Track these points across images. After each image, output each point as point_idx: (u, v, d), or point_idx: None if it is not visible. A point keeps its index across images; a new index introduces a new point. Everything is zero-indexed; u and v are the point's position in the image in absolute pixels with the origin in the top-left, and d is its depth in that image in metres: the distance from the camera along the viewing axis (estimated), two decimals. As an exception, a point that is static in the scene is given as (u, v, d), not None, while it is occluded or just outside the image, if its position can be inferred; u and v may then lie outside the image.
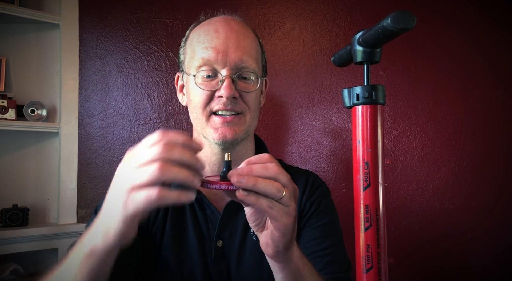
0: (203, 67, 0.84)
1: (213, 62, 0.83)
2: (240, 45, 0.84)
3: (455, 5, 2.00)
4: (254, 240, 0.88)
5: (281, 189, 0.53)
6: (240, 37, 0.85)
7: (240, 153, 0.90)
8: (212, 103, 0.84)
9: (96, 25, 1.78)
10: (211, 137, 0.84)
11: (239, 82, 0.84)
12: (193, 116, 0.88)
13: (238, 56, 0.83)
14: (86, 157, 1.75)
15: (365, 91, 0.45)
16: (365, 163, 0.45)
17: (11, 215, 1.60)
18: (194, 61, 0.85)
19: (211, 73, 0.84)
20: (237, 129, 0.85)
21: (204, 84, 0.84)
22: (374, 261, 0.44)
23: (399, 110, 1.93)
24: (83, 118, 1.76)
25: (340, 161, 1.88)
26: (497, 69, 2.00)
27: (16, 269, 1.58)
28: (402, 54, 1.93)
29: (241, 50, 0.84)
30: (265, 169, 0.54)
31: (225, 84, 0.81)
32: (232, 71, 0.83)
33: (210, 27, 0.87)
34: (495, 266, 1.92)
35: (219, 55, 0.83)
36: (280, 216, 0.54)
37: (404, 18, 0.39)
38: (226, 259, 0.86)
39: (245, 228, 0.88)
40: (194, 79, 0.85)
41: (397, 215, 1.89)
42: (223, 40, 0.84)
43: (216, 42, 0.84)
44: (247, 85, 0.85)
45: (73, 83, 1.75)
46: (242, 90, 0.84)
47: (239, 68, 0.84)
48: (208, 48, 0.84)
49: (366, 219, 0.45)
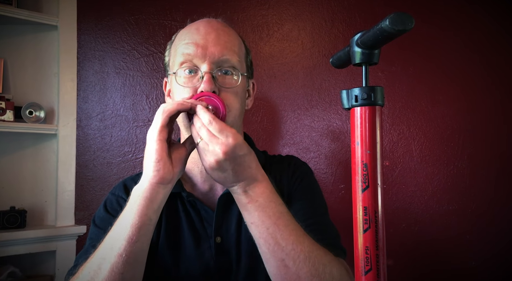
0: (184, 64, 0.85)
1: (193, 57, 0.84)
2: (220, 40, 0.85)
3: (454, 6, 2.00)
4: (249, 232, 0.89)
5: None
6: (220, 33, 0.86)
7: None
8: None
9: (94, 26, 1.77)
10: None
11: (219, 78, 0.84)
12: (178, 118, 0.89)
13: (218, 50, 0.84)
14: (84, 158, 1.74)
15: (364, 92, 0.45)
16: (363, 164, 0.45)
17: (8, 217, 1.59)
18: (177, 58, 0.87)
19: (192, 68, 0.84)
20: None
21: (185, 82, 0.85)
22: (373, 263, 0.44)
23: (398, 111, 1.93)
24: (81, 119, 1.75)
25: (339, 163, 1.88)
26: (495, 70, 2.01)
27: (14, 271, 1.57)
28: (401, 56, 1.93)
29: (221, 44, 0.85)
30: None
31: (205, 79, 0.81)
32: (212, 66, 0.83)
33: (191, 26, 0.89)
34: (493, 267, 1.92)
35: (199, 49, 0.83)
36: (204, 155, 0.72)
37: (402, 20, 0.39)
38: (227, 254, 0.88)
39: (238, 221, 0.90)
40: (175, 77, 0.86)
41: (396, 217, 1.89)
42: (203, 35, 0.85)
43: (197, 38, 0.85)
44: (228, 80, 0.85)
45: (71, 85, 1.74)
46: (222, 86, 0.84)
47: (219, 62, 0.84)
48: (189, 44, 0.85)
49: (365, 221, 0.45)
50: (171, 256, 0.88)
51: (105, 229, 0.84)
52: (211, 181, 0.92)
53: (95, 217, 0.93)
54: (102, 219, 0.90)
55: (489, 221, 1.93)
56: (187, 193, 0.90)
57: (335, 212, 1.04)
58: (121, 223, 0.74)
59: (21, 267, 1.61)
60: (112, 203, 0.93)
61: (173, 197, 0.90)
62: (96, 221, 0.91)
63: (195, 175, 0.93)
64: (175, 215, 0.91)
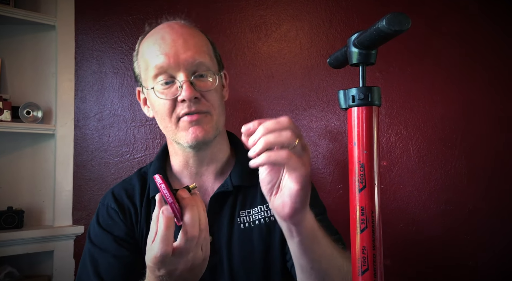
0: (159, 76, 0.85)
1: (167, 68, 0.84)
2: (188, 45, 0.85)
3: (451, 7, 2.01)
4: (242, 228, 0.90)
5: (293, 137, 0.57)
6: (186, 38, 0.86)
7: (214, 151, 0.92)
8: (177, 109, 0.85)
9: (92, 26, 1.77)
10: (184, 141, 0.86)
11: (197, 82, 0.85)
12: (163, 125, 0.90)
13: (189, 56, 0.84)
14: (82, 159, 1.74)
15: (361, 92, 0.45)
16: (360, 164, 0.45)
17: (6, 218, 1.59)
18: (149, 71, 0.86)
19: (168, 79, 0.85)
20: (206, 127, 0.86)
21: (164, 93, 0.85)
22: (370, 263, 0.44)
23: (396, 111, 1.93)
24: (79, 119, 1.75)
25: (336, 163, 1.88)
26: (493, 71, 2.01)
27: (11, 271, 1.57)
28: (398, 56, 1.93)
29: (191, 49, 0.85)
30: (276, 123, 0.58)
31: (184, 87, 0.82)
32: (188, 73, 0.84)
33: (155, 36, 0.89)
34: (491, 267, 1.93)
35: (171, 59, 0.83)
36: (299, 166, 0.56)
37: (399, 20, 0.39)
38: (217, 253, 0.88)
39: (230, 219, 0.90)
40: (154, 91, 0.86)
41: (394, 217, 1.89)
42: (171, 43, 0.85)
43: (165, 48, 0.85)
44: (205, 83, 0.86)
45: (69, 85, 1.74)
46: (202, 90, 0.85)
47: (194, 66, 0.85)
48: (159, 56, 0.84)
49: (362, 221, 0.45)
50: None
51: (105, 249, 0.87)
52: (200, 183, 0.93)
53: (90, 231, 0.93)
54: (97, 236, 0.91)
55: (487, 221, 1.93)
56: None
57: (333, 212, 1.04)
58: None
59: (18, 267, 1.61)
60: (104, 216, 0.93)
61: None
62: (92, 237, 0.91)
63: (185, 176, 0.94)
64: None
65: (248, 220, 0.91)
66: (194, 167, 0.92)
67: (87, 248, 0.91)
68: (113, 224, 0.91)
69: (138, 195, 0.94)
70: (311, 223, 0.65)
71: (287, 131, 0.57)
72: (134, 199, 0.94)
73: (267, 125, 0.58)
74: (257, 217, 0.91)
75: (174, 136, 0.88)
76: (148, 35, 0.92)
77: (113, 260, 0.86)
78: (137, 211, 0.92)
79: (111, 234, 0.89)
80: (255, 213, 0.92)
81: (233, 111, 1.83)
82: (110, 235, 0.89)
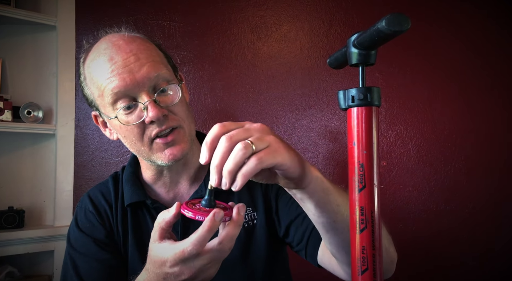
0: (119, 101, 0.78)
1: (125, 91, 0.77)
2: (141, 61, 0.78)
3: (451, 7, 2.01)
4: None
5: (247, 147, 0.51)
6: (137, 54, 0.79)
7: (188, 158, 0.88)
8: (147, 131, 0.79)
9: (93, 26, 1.77)
10: (161, 161, 0.82)
11: (161, 99, 0.79)
12: (134, 149, 0.84)
13: (145, 72, 0.77)
14: (82, 159, 1.74)
15: (360, 93, 0.45)
16: (360, 165, 0.45)
17: (6, 217, 1.59)
18: (105, 97, 0.79)
19: (129, 102, 0.78)
20: (182, 144, 0.82)
21: (129, 119, 0.79)
22: (369, 263, 0.44)
23: (396, 112, 1.93)
24: (79, 119, 1.75)
25: (336, 163, 1.88)
26: (493, 71, 2.01)
27: (12, 271, 1.57)
28: (398, 57, 1.94)
29: (145, 65, 0.78)
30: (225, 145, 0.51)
31: (149, 107, 0.76)
32: (148, 91, 0.78)
33: (102, 58, 0.80)
34: (491, 266, 1.93)
35: (128, 81, 0.77)
36: (273, 159, 0.52)
37: (398, 21, 0.39)
38: None
39: None
40: (118, 120, 0.79)
41: (393, 217, 1.89)
42: (123, 64, 0.77)
43: (117, 69, 0.77)
44: (169, 97, 0.81)
45: (69, 85, 1.74)
46: (168, 105, 0.80)
47: (152, 81, 0.78)
48: (112, 79, 0.77)
49: (361, 221, 0.45)
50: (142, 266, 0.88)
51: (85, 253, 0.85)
52: (175, 190, 0.91)
53: (69, 235, 0.91)
54: (77, 240, 0.89)
55: (486, 221, 1.93)
56: (151, 200, 0.88)
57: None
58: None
59: (19, 267, 1.61)
60: (82, 220, 0.91)
61: (138, 207, 0.89)
62: (72, 242, 0.89)
63: (159, 186, 0.91)
64: (143, 225, 0.89)
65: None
66: (168, 177, 0.90)
67: (68, 252, 0.89)
68: (92, 227, 0.89)
69: (114, 199, 0.92)
70: (320, 178, 0.61)
71: (237, 145, 0.51)
72: (111, 201, 0.92)
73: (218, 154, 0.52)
74: (246, 218, 0.89)
75: (149, 157, 0.83)
76: (92, 56, 0.83)
77: (95, 263, 0.84)
78: (113, 213, 0.90)
79: (91, 238, 0.87)
80: (247, 213, 0.89)
81: (233, 111, 1.83)
82: (90, 238, 0.87)
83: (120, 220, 0.90)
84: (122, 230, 0.89)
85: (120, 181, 0.95)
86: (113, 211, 0.91)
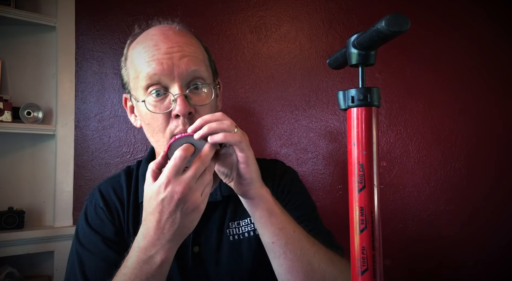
0: (151, 87, 0.79)
1: (159, 76, 0.78)
2: (184, 53, 0.79)
3: (451, 7, 2.01)
4: (231, 240, 0.89)
5: (232, 125, 0.69)
6: (182, 46, 0.80)
7: None
8: (171, 125, 0.79)
9: (93, 27, 1.77)
10: None
11: (192, 96, 0.79)
12: (154, 139, 0.84)
13: (184, 64, 0.78)
14: (82, 159, 1.74)
15: (360, 93, 0.46)
16: (360, 165, 0.45)
17: (6, 218, 1.59)
18: (140, 80, 0.80)
19: (160, 90, 0.79)
20: None
21: (157, 107, 0.79)
22: (369, 263, 0.44)
23: (395, 112, 1.93)
24: (79, 120, 1.75)
25: (336, 163, 1.88)
26: (492, 71, 2.01)
27: (12, 272, 1.57)
28: (398, 57, 1.94)
29: (186, 57, 0.79)
30: (213, 116, 0.70)
31: (179, 101, 0.76)
32: (182, 84, 0.78)
33: (148, 42, 0.81)
34: (490, 267, 1.93)
35: (165, 69, 0.77)
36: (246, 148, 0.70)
37: (398, 21, 0.39)
38: (204, 264, 0.87)
39: (219, 231, 0.89)
40: (145, 104, 0.80)
41: (393, 217, 1.89)
42: (165, 52, 0.79)
43: (159, 56, 0.78)
44: (200, 97, 0.81)
45: (69, 85, 1.74)
46: (196, 105, 0.79)
47: (189, 75, 0.79)
48: (151, 64, 0.78)
49: (361, 221, 0.45)
50: None
51: (93, 251, 0.85)
52: None
53: (78, 230, 0.90)
54: (86, 236, 0.88)
55: (486, 221, 1.93)
56: None
57: (332, 212, 1.05)
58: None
59: (19, 267, 1.61)
60: (92, 215, 0.90)
61: None
62: (80, 237, 0.88)
63: None
64: None
65: (238, 232, 0.89)
66: None
67: (75, 248, 0.88)
68: (101, 224, 0.88)
69: (126, 196, 0.91)
70: (267, 197, 0.74)
71: (226, 120, 0.69)
72: (122, 198, 0.91)
73: (207, 117, 0.69)
74: (246, 229, 0.90)
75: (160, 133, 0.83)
76: (138, 40, 0.85)
77: (102, 263, 0.84)
78: (124, 211, 0.90)
79: (100, 235, 0.87)
80: (245, 224, 0.90)
81: (233, 112, 1.83)
82: (99, 236, 0.87)
83: (132, 217, 0.89)
84: (133, 228, 0.88)
85: (133, 177, 0.95)
86: (124, 208, 0.90)
